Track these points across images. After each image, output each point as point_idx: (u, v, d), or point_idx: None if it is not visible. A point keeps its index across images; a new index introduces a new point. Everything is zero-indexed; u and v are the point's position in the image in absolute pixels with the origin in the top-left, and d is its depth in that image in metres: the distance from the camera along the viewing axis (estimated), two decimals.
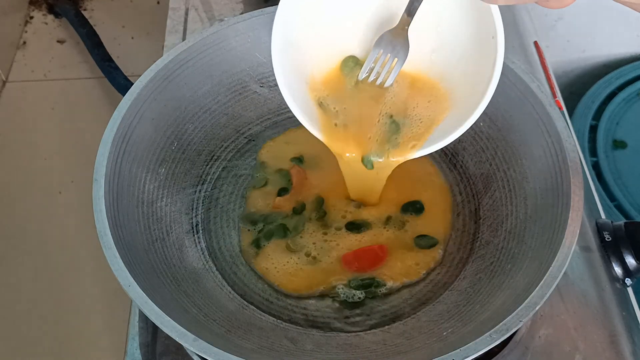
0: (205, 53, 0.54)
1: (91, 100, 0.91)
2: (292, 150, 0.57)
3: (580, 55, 1.07)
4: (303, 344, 0.45)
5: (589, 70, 1.09)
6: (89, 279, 0.74)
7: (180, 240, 0.50)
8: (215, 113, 0.56)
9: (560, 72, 1.09)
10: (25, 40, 0.99)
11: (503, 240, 0.48)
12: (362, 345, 0.45)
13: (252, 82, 0.57)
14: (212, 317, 0.44)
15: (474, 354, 0.37)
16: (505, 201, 0.50)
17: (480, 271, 0.48)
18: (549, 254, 0.41)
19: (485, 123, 0.53)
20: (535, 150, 0.48)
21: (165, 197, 0.51)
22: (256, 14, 0.55)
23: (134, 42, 0.98)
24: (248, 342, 0.43)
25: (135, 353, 0.49)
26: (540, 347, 0.48)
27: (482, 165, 0.53)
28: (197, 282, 0.48)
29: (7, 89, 0.93)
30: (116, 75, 0.82)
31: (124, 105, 0.49)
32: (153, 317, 0.39)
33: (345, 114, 0.48)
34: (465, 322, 0.43)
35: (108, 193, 0.44)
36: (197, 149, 0.55)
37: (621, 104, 0.98)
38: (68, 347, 0.71)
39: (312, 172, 0.55)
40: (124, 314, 0.59)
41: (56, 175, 0.83)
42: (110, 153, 0.46)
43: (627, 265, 0.52)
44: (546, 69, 0.68)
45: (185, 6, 0.75)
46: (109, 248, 0.42)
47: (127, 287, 0.40)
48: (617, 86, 1.00)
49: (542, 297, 0.39)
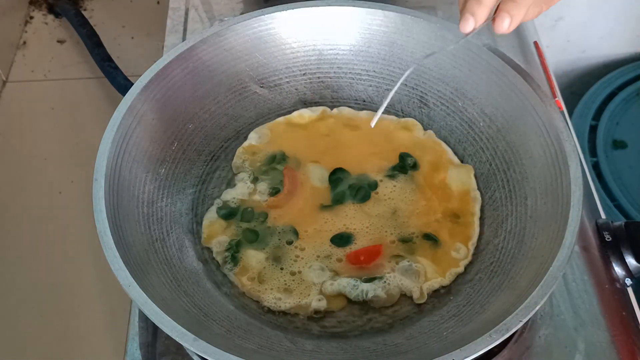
0: (205, 53, 0.54)
1: (91, 100, 0.91)
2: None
3: (580, 55, 1.07)
4: (303, 344, 0.45)
5: (589, 70, 1.09)
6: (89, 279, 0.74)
7: (180, 240, 0.50)
8: (215, 113, 0.56)
9: (560, 72, 1.09)
10: (25, 40, 0.99)
11: (503, 240, 0.48)
12: (362, 345, 0.45)
13: (252, 82, 0.57)
14: (212, 317, 0.44)
15: (474, 354, 0.37)
16: (505, 201, 0.50)
17: (480, 271, 0.48)
18: (549, 254, 0.41)
19: (485, 123, 0.53)
20: (535, 150, 0.48)
21: (165, 197, 0.51)
22: (256, 14, 0.55)
23: (134, 42, 0.98)
24: (248, 342, 0.42)
25: (135, 353, 0.49)
26: (540, 347, 0.48)
27: (482, 165, 0.53)
28: (197, 282, 0.48)
29: (7, 89, 0.93)
30: (116, 75, 0.82)
31: (124, 105, 0.49)
32: (153, 317, 0.39)
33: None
34: (465, 322, 0.43)
35: (108, 193, 0.44)
36: (197, 149, 0.55)
37: (621, 104, 0.98)
38: (68, 347, 0.70)
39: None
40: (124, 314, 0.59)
41: (56, 175, 0.83)
42: (110, 153, 0.46)
43: (627, 265, 0.52)
44: (546, 69, 0.68)
45: (185, 6, 0.75)
46: (109, 248, 0.42)
47: (127, 287, 0.40)
48: (617, 86, 1.00)
49: (542, 297, 0.39)
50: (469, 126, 0.55)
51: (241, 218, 0.52)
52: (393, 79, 0.57)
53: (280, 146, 0.56)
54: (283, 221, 0.52)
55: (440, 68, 0.55)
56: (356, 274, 0.49)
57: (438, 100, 0.56)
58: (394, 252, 0.50)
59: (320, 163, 0.55)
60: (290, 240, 0.50)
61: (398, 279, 0.48)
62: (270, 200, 0.53)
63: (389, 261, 0.49)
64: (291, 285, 0.48)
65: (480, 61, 0.52)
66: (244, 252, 0.50)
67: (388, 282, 0.48)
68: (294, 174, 0.54)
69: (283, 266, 0.49)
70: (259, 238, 0.51)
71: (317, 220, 0.51)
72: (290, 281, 0.48)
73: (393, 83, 0.58)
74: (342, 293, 0.48)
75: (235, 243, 0.50)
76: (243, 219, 0.52)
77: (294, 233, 0.51)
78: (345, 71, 0.59)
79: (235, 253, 0.50)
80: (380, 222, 0.51)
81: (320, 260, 0.49)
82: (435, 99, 0.56)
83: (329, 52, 0.58)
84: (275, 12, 0.55)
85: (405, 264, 0.48)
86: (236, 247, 0.50)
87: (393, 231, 0.51)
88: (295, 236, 0.51)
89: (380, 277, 0.48)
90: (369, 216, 0.52)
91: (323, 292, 0.48)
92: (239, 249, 0.50)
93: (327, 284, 0.48)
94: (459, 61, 0.54)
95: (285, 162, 0.55)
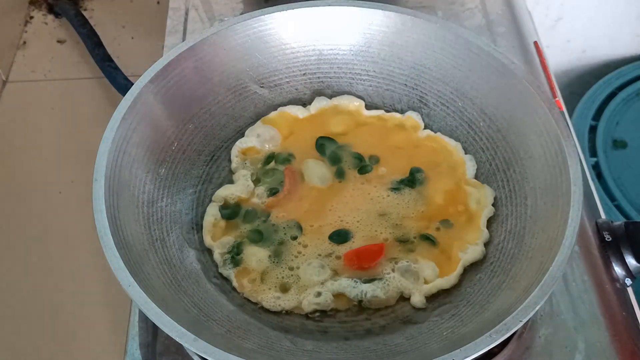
0: (205, 53, 0.54)
1: (91, 100, 0.91)
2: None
3: (580, 55, 1.07)
4: (303, 344, 0.45)
5: (589, 70, 1.09)
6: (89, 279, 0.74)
7: (181, 240, 0.50)
8: (215, 113, 0.56)
9: (560, 72, 1.09)
10: (25, 40, 0.99)
11: (503, 240, 0.48)
12: (362, 345, 0.45)
13: (252, 82, 0.57)
14: (212, 317, 0.44)
15: (474, 354, 0.37)
16: (505, 201, 0.50)
17: (480, 271, 0.48)
18: (549, 254, 0.41)
19: (485, 123, 0.53)
20: (535, 150, 0.48)
21: (165, 197, 0.51)
22: (256, 14, 0.55)
23: (134, 42, 0.98)
24: (248, 342, 0.42)
25: (135, 353, 0.49)
26: (540, 347, 0.48)
27: (482, 165, 0.53)
28: (197, 282, 0.48)
29: (7, 89, 0.93)
30: (116, 75, 0.82)
31: (124, 105, 0.49)
32: (153, 317, 0.39)
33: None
34: (465, 322, 0.43)
35: (108, 193, 0.44)
36: (197, 149, 0.55)
37: (621, 104, 0.98)
38: (68, 347, 0.70)
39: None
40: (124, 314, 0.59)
41: (56, 175, 0.83)
42: (110, 153, 0.46)
43: (627, 265, 0.52)
44: (546, 69, 0.68)
45: (185, 6, 0.75)
46: (109, 248, 0.42)
47: (127, 287, 0.40)
48: (617, 86, 1.00)
49: (542, 297, 0.39)
50: (469, 126, 0.55)
51: (244, 219, 0.52)
52: (393, 79, 0.57)
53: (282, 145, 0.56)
54: (286, 219, 0.52)
55: (440, 68, 0.55)
56: (356, 274, 0.49)
57: (438, 100, 0.56)
58: (394, 252, 0.50)
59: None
60: (295, 235, 0.51)
61: (397, 280, 0.48)
62: (270, 200, 0.53)
63: (389, 261, 0.49)
64: (290, 283, 0.48)
65: (480, 61, 0.52)
66: (246, 252, 0.50)
67: (388, 282, 0.48)
68: (294, 174, 0.54)
69: (283, 263, 0.49)
70: (264, 237, 0.51)
71: (320, 215, 0.51)
72: (288, 278, 0.48)
73: (393, 83, 0.58)
74: (341, 293, 0.48)
75: (237, 244, 0.50)
76: (246, 220, 0.52)
77: (298, 228, 0.51)
78: (345, 71, 0.59)
79: (236, 255, 0.50)
80: (377, 221, 0.51)
81: (321, 258, 0.49)
82: (435, 99, 0.56)
83: (329, 52, 0.58)
84: (275, 12, 0.55)
85: (405, 264, 0.48)
86: (237, 248, 0.50)
87: (392, 230, 0.51)
88: (299, 231, 0.51)
89: (380, 279, 0.48)
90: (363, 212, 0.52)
91: (323, 291, 0.48)
92: (240, 251, 0.50)
93: (327, 283, 0.48)
94: (459, 61, 0.54)
95: (288, 162, 0.55)
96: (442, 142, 0.55)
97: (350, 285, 0.47)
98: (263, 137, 0.56)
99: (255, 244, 0.50)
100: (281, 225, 0.51)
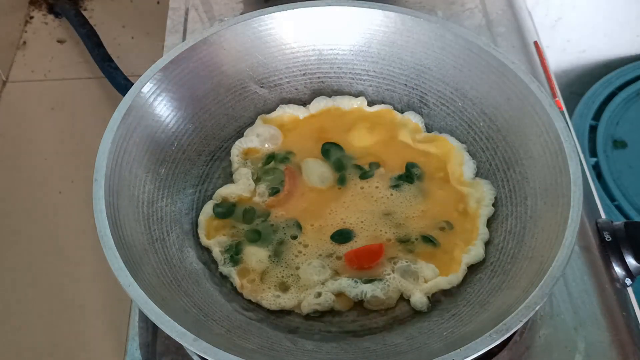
0: (205, 53, 0.54)
1: (91, 100, 0.91)
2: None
3: (580, 55, 1.07)
4: (303, 344, 0.45)
5: (589, 70, 1.09)
6: (89, 279, 0.74)
7: (181, 240, 0.50)
8: (215, 113, 0.56)
9: (560, 72, 1.09)
10: (25, 40, 0.99)
11: (503, 241, 0.48)
12: (362, 345, 0.45)
13: (252, 82, 0.57)
14: (212, 317, 0.44)
15: (474, 354, 0.37)
16: (505, 201, 0.50)
17: (480, 271, 0.48)
18: (549, 254, 0.41)
19: (485, 123, 0.53)
20: (535, 150, 0.48)
21: (165, 197, 0.51)
22: (256, 14, 0.55)
23: (134, 42, 0.98)
24: (248, 342, 0.42)
25: (135, 353, 0.49)
26: (540, 347, 0.48)
27: (482, 166, 0.53)
28: (197, 282, 0.48)
29: (7, 89, 0.93)
30: (116, 75, 0.82)
31: (124, 105, 0.49)
32: (153, 317, 0.39)
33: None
34: (465, 322, 0.43)
35: (108, 193, 0.44)
36: (197, 149, 0.55)
37: (621, 104, 0.98)
38: (68, 347, 0.70)
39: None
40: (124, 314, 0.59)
41: (56, 175, 0.83)
42: (110, 153, 0.46)
43: (627, 265, 0.52)
44: (546, 69, 0.68)
45: (185, 6, 0.75)
46: (109, 248, 0.42)
47: (127, 287, 0.40)
48: (617, 86, 1.00)
49: (542, 297, 0.39)
50: (469, 126, 0.55)
51: (243, 218, 0.52)
52: (393, 79, 0.57)
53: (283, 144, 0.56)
54: (285, 218, 0.52)
55: (440, 68, 0.55)
56: (357, 274, 0.49)
57: (438, 100, 0.56)
58: (394, 252, 0.50)
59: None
60: (295, 234, 0.51)
61: (397, 281, 0.48)
62: (270, 200, 0.53)
63: (389, 260, 0.49)
64: (290, 283, 0.48)
65: (480, 61, 0.52)
66: (245, 252, 0.50)
67: (388, 283, 0.48)
68: (294, 173, 0.54)
69: (284, 263, 0.49)
70: (262, 237, 0.51)
71: (321, 215, 0.51)
72: (288, 278, 0.48)
73: (393, 83, 0.58)
74: (341, 292, 0.48)
75: (236, 244, 0.50)
76: (244, 219, 0.52)
77: (297, 227, 0.51)
78: (345, 71, 0.59)
79: (235, 255, 0.50)
80: (381, 221, 0.51)
81: (322, 258, 0.49)
82: (435, 99, 0.56)
83: (329, 52, 0.58)
84: (275, 12, 0.55)
85: (404, 265, 0.48)
86: (236, 248, 0.50)
87: (395, 230, 0.51)
88: (299, 230, 0.51)
89: (381, 279, 0.48)
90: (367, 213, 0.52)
91: (323, 291, 0.48)
92: (239, 250, 0.50)
93: (327, 283, 0.48)
94: (459, 61, 0.54)
95: (288, 161, 0.55)
96: (442, 141, 0.55)
97: (351, 285, 0.47)
98: (263, 136, 0.56)
99: (254, 244, 0.50)
100: (280, 224, 0.51)
